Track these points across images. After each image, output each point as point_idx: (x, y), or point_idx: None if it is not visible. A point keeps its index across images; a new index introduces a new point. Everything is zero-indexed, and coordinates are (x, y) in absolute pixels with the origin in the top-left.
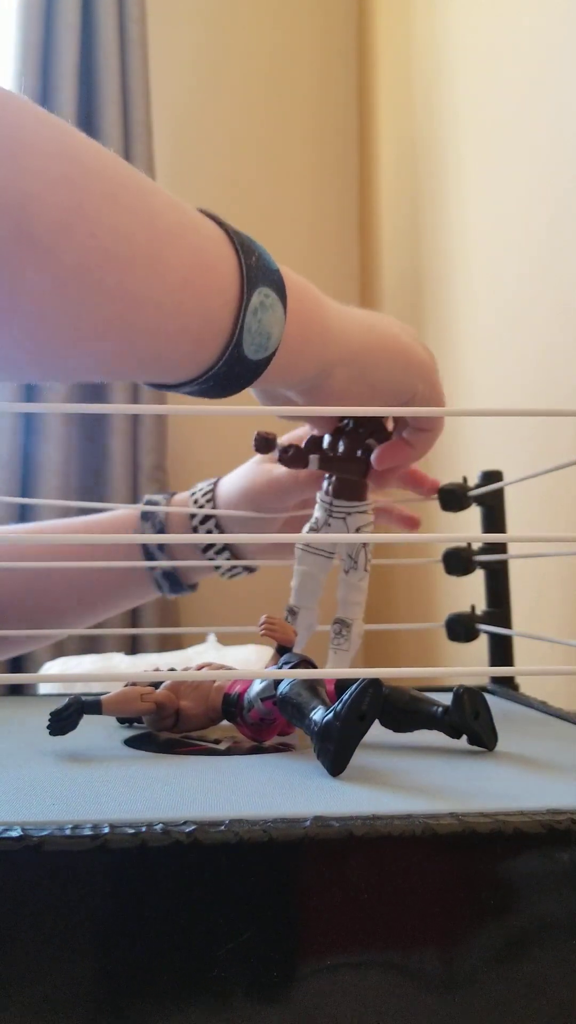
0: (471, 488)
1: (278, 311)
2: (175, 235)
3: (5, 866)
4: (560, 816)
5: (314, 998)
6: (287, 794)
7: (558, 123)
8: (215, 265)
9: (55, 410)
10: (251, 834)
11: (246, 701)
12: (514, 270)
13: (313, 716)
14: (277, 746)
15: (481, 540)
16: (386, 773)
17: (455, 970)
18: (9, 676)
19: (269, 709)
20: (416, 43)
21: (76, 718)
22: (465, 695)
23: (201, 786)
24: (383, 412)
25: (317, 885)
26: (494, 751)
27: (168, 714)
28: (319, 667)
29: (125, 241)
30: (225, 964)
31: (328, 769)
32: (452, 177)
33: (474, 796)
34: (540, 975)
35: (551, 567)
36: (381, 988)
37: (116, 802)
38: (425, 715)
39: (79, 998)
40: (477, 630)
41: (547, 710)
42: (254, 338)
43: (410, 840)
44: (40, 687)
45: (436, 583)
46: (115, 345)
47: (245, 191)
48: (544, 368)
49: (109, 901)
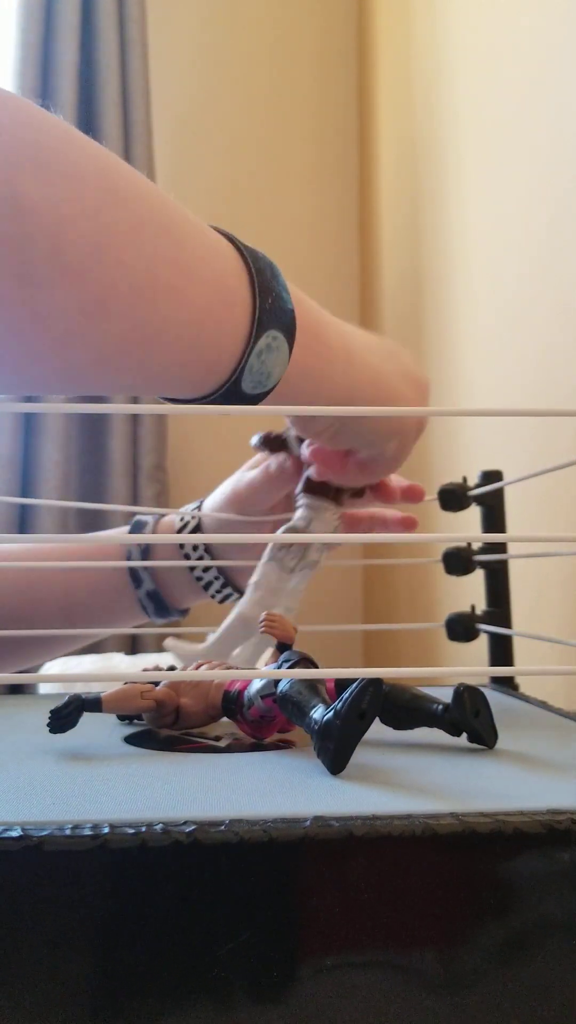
0: (471, 488)
1: (283, 353)
2: (198, 268)
3: (5, 866)
4: (560, 816)
5: (314, 999)
6: (287, 793)
7: (558, 123)
8: (232, 303)
9: (55, 410)
10: (251, 834)
11: (246, 698)
12: (514, 270)
13: (313, 714)
14: (277, 744)
15: (481, 540)
16: (386, 772)
17: (455, 970)
18: (9, 676)
19: (269, 707)
20: (416, 43)
21: (76, 716)
22: (466, 693)
23: (201, 785)
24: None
25: (317, 885)
26: (494, 750)
27: (168, 711)
28: (319, 666)
29: (150, 272)
30: (225, 964)
31: (328, 768)
32: (452, 177)
33: (474, 796)
34: (541, 975)
35: (551, 567)
36: (381, 988)
37: (116, 801)
38: (425, 713)
39: (79, 998)
40: (477, 630)
41: (547, 709)
42: (254, 376)
43: (410, 840)
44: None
45: (436, 583)
46: (132, 368)
47: (245, 191)
48: (544, 368)
49: (109, 901)
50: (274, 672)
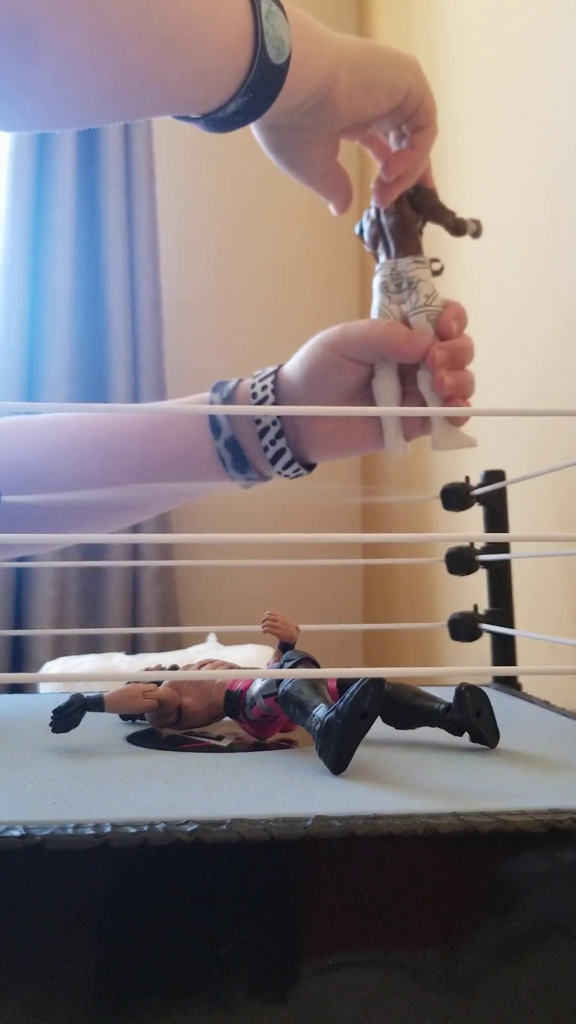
0: (473, 487)
1: (281, 18)
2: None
3: (7, 865)
4: (561, 816)
5: (316, 998)
6: (289, 793)
7: (558, 123)
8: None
9: (55, 410)
10: (253, 833)
11: (248, 698)
12: (515, 271)
13: (315, 714)
14: (279, 743)
15: (483, 540)
16: (388, 771)
17: (457, 970)
18: (9, 676)
19: (271, 706)
20: (415, 43)
21: (79, 715)
22: (467, 692)
23: (203, 784)
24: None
25: (319, 884)
26: (496, 750)
27: (170, 711)
28: (320, 666)
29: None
30: (227, 963)
31: (330, 767)
32: (452, 177)
33: (476, 795)
34: (542, 975)
35: (554, 566)
36: (383, 988)
37: (118, 801)
38: (427, 712)
39: (81, 997)
40: (480, 630)
41: (550, 709)
42: (272, 42)
43: (412, 840)
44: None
45: (438, 583)
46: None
47: (245, 191)
48: (544, 368)
49: (111, 900)
50: (275, 672)
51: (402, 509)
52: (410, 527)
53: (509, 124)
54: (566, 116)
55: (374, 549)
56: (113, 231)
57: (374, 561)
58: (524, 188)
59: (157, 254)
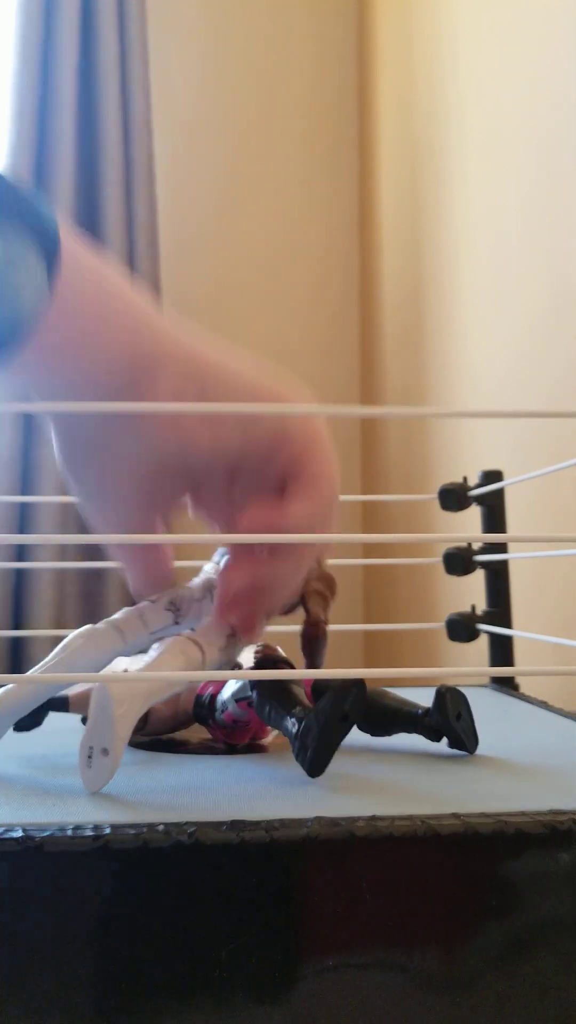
0: (471, 488)
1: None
2: None
3: (7, 867)
4: (561, 816)
5: (316, 999)
6: (289, 794)
7: (560, 121)
8: None
9: (55, 410)
10: (253, 835)
11: (219, 703)
12: (515, 271)
13: (293, 715)
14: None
15: (481, 540)
16: (387, 774)
17: (457, 970)
18: (9, 676)
19: (244, 711)
20: (416, 43)
21: (42, 715)
22: (447, 695)
23: (203, 786)
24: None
25: (319, 886)
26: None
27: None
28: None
29: None
30: (227, 965)
31: (307, 771)
32: (453, 176)
33: (475, 796)
34: (542, 975)
35: (551, 567)
36: (383, 989)
37: (118, 802)
38: (405, 716)
39: (82, 998)
40: (478, 630)
41: (548, 710)
42: None
43: (412, 840)
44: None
45: (436, 583)
46: None
47: (245, 191)
48: (545, 368)
49: (111, 902)
50: (249, 673)
51: (403, 510)
52: (411, 528)
53: (511, 123)
54: (568, 114)
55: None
56: None
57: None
58: (527, 186)
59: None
